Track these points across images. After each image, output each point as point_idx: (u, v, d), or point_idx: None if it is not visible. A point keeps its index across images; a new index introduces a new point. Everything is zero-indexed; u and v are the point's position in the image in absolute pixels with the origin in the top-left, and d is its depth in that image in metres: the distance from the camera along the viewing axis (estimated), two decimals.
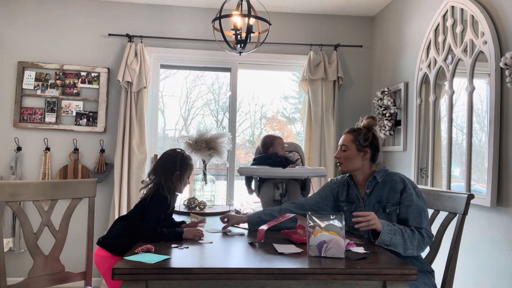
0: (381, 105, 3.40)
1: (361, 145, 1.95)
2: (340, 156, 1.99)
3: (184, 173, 1.94)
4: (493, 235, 2.22)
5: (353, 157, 1.95)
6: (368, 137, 1.96)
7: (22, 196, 1.98)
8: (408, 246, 1.69)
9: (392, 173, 1.93)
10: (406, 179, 1.88)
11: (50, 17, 3.65)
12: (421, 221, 1.77)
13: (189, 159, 2.00)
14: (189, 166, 1.97)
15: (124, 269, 1.33)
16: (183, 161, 1.95)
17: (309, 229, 1.54)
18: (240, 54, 2.55)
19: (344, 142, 1.99)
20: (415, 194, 1.82)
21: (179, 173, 1.92)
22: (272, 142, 2.59)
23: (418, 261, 1.83)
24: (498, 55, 2.18)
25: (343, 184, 2.07)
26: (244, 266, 1.40)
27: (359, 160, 1.95)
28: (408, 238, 1.70)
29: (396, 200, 1.84)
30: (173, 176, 1.91)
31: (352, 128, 2.04)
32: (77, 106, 3.62)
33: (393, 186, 1.86)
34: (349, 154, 1.96)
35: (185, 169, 1.95)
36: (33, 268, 1.98)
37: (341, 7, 3.74)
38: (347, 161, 1.97)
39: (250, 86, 4.62)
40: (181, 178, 1.93)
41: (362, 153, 1.95)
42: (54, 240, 2.07)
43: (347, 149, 1.96)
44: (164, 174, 1.90)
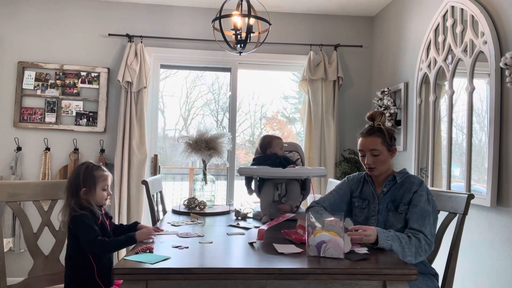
0: (381, 105, 3.40)
1: (390, 144, 1.90)
2: (373, 161, 1.88)
3: (91, 187, 1.80)
4: (493, 235, 2.22)
5: (386, 159, 1.90)
6: (392, 134, 1.92)
7: (22, 196, 1.99)
8: (406, 253, 1.63)
9: (412, 175, 1.92)
10: (424, 184, 1.86)
11: (50, 17, 3.65)
12: (423, 224, 1.72)
13: (95, 169, 1.84)
14: (96, 177, 1.82)
15: (124, 269, 1.33)
16: (86, 174, 1.81)
17: (309, 229, 1.54)
18: (240, 54, 2.55)
19: (374, 146, 1.87)
20: (426, 198, 1.79)
21: (85, 189, 1.79)
22: (270, 143, 2.58)
23: (422, 263, 1.82)
24: (498, 55, 2.18)
25: (359, 180, 2.05)
26: (244, 266, 1.40)
27: (389, 161, 1.92)
28: (406, 245, 1.65)
29: (408, 200, 1.82)
30: (79, 194, 1.79)
31: (372, 129, 1.92)
32: (77, 106, 3.62)
33: (409, 187, 1.84)
34: (382, 158, 1.88)
35: (92, 182, 1.80)
36: (33, 268, 1.98)
37: (341, 7, 3.74)
38: (381, 165, 1.89)
39: (250, 86, 4.62)
40: (89, 193, 1.80)
41: (391, 152, 1.92)
42: (54, 240, 2.07)
43: (379, 153, 1.87)
44: (70, 195, 1.79)
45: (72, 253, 1.80)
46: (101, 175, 1.84)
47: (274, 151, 2.56)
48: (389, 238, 1.64)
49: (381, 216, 1.89)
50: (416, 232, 1.72)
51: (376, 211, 1.91)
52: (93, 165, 1.86)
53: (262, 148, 2.61)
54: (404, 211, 1.83)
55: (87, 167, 1.84)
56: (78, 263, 1.77)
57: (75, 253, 1.79)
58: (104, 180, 1.85)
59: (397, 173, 1.92)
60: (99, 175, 1.84)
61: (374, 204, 1.93)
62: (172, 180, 6.88)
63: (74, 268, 1.79)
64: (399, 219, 1.83)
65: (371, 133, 1.90)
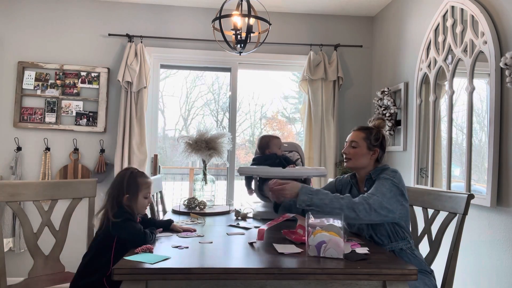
0: (381, 105, 3.40)
1: (372, 144, 1.95)
2: (349, 152, 1.97)
3: (134, 194, 1.78)
4: (493, 235, 2.22)
5: (363, 155, 1.95)
6: (379, 137, 1.96)
7: (22, 196, 1.98)
8: (335, 204, 1.68)
9: (386, 169, 1.93)
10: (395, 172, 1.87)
11: (50, 17, 3.65)
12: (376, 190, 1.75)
13: (139, 176, 1.82)
14: (140, 184, 1.80)
15: (124, 269, 1.33)
16: (131, 180, 1.79)
17: (309, 229, 1.54)
18: (240, 54, 2.55)
19: (355, 138, 1.97)
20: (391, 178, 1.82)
21: (128, 195, 1.77)
22: (268, 144, 2.57)
23: (417, 260, 1.84)
24: (498, 55, 2.18)
25: (347, 183, 2.09)
26: (244, 266, 1.39)
27: (367, 158, 1.96)
28: (335, 198, 1.69)
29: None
30: (122, 200, 1.76)
31: (364, 126, 2.03)
32: (77, 106, 3.62)
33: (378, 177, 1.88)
34: (359, 151, 1.95)
35: (135, 189, 1.78)
36: (33, 268, 1.98)
37: (341, 7, 3.74)
38: (355, 158, 1.96)
39: (250, 86, 4.62)
40: (132, 200, 1.77)
41: (372, 152, 1.95)
42: (54, 240, 2.07)
43: (358, 146, 1.95)
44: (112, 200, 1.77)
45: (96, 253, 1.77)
46: (144, 182, 1.82)
47: (272, 151, 2.56)
48: (312, 193, 1.71)
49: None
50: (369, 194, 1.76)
51: None
52: (137, 172, 1.84)
53: (261, 149, 2.61)
54: None
55: (132, 173, 1.82)
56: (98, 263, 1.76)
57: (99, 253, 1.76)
58: (147, 188, 1.84)
59: (373, 171, 1.95)
60: (142, 182, 1.82)
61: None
62: (172, 180, 6.88)
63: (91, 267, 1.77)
64: None
65: (359, 129, 2.01)
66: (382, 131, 2.00)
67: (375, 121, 2.02)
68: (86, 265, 1.79)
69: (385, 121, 2.05)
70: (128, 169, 1.86)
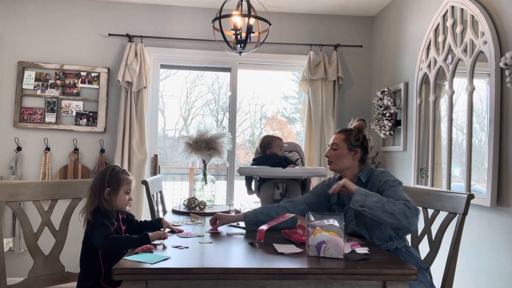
0: (381, 105, 3.40)
1: (352, 144, 1.98)
2: (330, 154, 2.01)
3: (115, 188, 1.82)
4: (493, 235, 2.22)
5: (344, 156, 1.98)
6: (359, 138, 2.00)
7: (22, 196, 1.98)
8: (387, 209, 1.64)
9: (375, 170, 1.96)
10: (387, 172, 1.92)
11: (50, 17, 3.65)
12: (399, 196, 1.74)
13: (121, 173, 1.86)
14: (121, 180, 1.84)
15: (124, 269, 1.33)
16: (113, 175, 1.83)
17: (309, 229, 1.54)
18: (240, 54, 2.55)
19: (335, 141, 2.01)
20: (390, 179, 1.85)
21: (109, 189, 1.80)
22: (270, 144, 2.58)
23: (412, 258, 1.84)
24: (498, 55, 2.18)
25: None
26: (244, 266, 1.40)
27: (349, 159, 1.98)
28: (387, 202, 1.67)
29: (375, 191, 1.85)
30: (103, 194, 1.79)
31: (343, 128, 2.08)
32: (77, 106, 3.62)
33: (373, 182, 1.90)
34: (339, 153, 1.98)
35: (117, 183, 1.82)
36: (33, 268, 1.98)
37: (341, 7, 3.74)
38: (337, 159, 1.99)
39: (250, 86, 4.62)
40: (113, 194, 1.81)
41: (353, 152, 1.98)
42: (54, 240, 2.07)
43: (338, 147, 1.99)
44: (94, 194, 1.80)
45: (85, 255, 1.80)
46: (126, 178, 1.88)
47: (273, 152, 2.56)
48: (367, 194, 1.72)
49: (358, 219, 1.91)
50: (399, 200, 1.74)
51: (353, 215, 1.93)
52: (119, 168, 1.89)
53: (262, 148, 2.61)
54: None
55: (113, 169, 1.87)
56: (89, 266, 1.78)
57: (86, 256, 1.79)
58: (128, 184, 1.88)
59: (360, 173, 1.96)
60: (124, 178, 1.87)
61: (350, 209, 1.94)
62: (172, 180, 6.88)
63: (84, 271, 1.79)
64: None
65: (340, 131, 2.05)
66: (363, 131, 2.02)
67: (356, 122, 2.05)
68: (82, 268, 1.80)
69: (366, 122, 2.07)
70: (110, 166, 1.90)
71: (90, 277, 1.76)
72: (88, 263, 1.78)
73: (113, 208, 1.82)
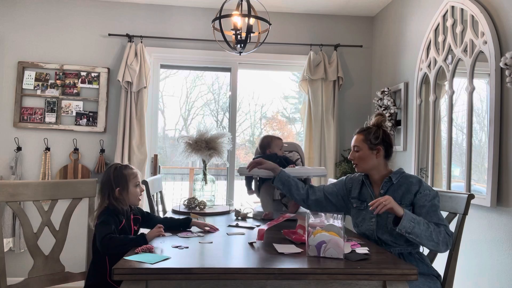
0: (381, 105, 3.40)
1: (373, 143, 1.94)
2: (354, 157, 1.97)
3: (125, 185, 1.84)
4: (493, 235, 2.22)
5: (367, 157, 1.94)
6: (379, 135, 1.95)
7: (22, 196, 1.98)
8: (433, 238, 1.68)
9: (409, 175, 1.92)
10: (423, 182, 1.87)
11: (50, 17, 3.65)
12: (439, 218, 1.76)
13: (124, 169, 1.88)
14: (127, 176, 1.86)
15: (124, 269, 1.33)
16: (117, 174, 1.85)
17: (309, 229, 1.54)
18: (240, 54, 2.55)
19: (355, 143, 1.97)
20: (431, 195, 1.81)
21: (119, 188, 1.82)
22: (270, 144, 2.58)
23: (425, 264, 1.82)
24: (498, 55, 2.18)
25: (358, 181, 2.06)
26: (244, 266, 1.40)
27: (373, 159, 1.94)
28: (434, 231, 1.69)
29: (409, 201, 1.83)
30: (115, 195, 1.82)
31: (362, 127, 2.02)
32: (77, 106, 3.62)
33: (408, 188, 1.85)
34: (362, 154, 1.95)
35: (124, 181, 1.85)
36: (33, 268, 1.98)
37: (341, 7, 3.74)
38: (361, 161, 1.96)
39: (250, 86, 4.62)
40: (124, 192, 1.83)
41: (375, 151, 1.94)
42: (54, 240, 2.07)
43: (360, 149, 1.95)
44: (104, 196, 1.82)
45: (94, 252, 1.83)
46: (131, 172, 1.89)
47: (273, 152, 2.56)
48: (414, 221, 1.68)
49: (380, 218, 1.88)
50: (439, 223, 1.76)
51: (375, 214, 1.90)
52: (121, 165, 1.90)
53: (262, 148, 2.61)
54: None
55: (116, 168, 1.88)
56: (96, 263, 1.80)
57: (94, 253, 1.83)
58: (135, 177, 1.90)
59: (393, 174, 1.93)
60: (129, 173, 1.88)
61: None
62: (172, 180, 6.88)
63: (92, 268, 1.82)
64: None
65: (359, 131, 2.01)
66: (382, 127, 1.98)
67: (374, 118, 2.01)
68: (91, 265, 1.84)
69: (384, 116, 2.04)
70: (111, 166, 1.90)
71: (97, 274, 1.79)
72: (96, 259, 1.81)
73: (126, 205, 1.85)
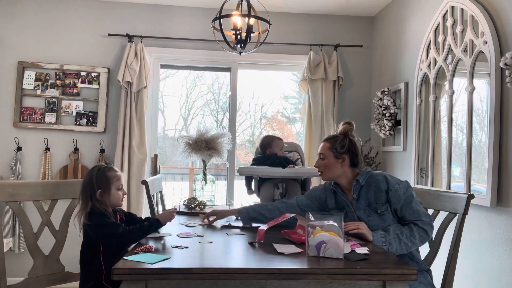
0: (381, 105, 3.40)
1: (338, 152, 1.93)
2: (319, 165, 1.97)
3: (106, 187, 1.81)
4: (493, 235, 2.22)
5: (332, 165, 1.94)
6: (345, 144, 1.94)
7: (22, 196, 1.99)
8: (409, 246, 1.76)
9: (375, 173, 1.93)
10: (389, 176, 1.89)
11: (50, 17, 3.65)
12: (416, 213, 1.81)
13: (108, 171, 1.85)
14: (110, 178, 1.83)
15: (124, 269, 1.33)
16: (100, 175, 1.82)
17: (309, 229, 1.54)
18: (240, 54, 2.55)
19: (321, 150, 1.97)
20: (401, 189, 1.84)
21: (100, 190, 1.79)
22: (270, 144, 2.58)
23: (414, 261, 1.84)
24: (498, 55, 2.18)
25: (330, 191, 2.04)
26: (244, 266, 1.40)
27: (338, 167, 1.94)
28: (407, 240, 1.76)
29: (383, 199, 1.85)
30: (96, 196, 1.79)
31: (328, 135, 2.02)
32: (77, 106, 3.62)
33: (377, 186, 1.87)
34: (327, 162, 1.94)
35: (106, 183, 1.81)
36: (33, 268, 1.98)
37: (341, 7, 3.74)
38: (326, 169, 1.95)
39: (250, 86, 4.62)
40: (105, 194, 1.80)
41: (340, 160, 1.93)
42: (54, 240, 2.07)
43: (325, 157, 1.95)
44: (86, 198, 1.79)
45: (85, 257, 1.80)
46: (114, 175, 1.86)
47: (273, 152, 2.56)
48: (385, 243, 1.75)
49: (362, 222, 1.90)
50: (414, 221, 1.81)
51: (355, 219, 1.92)
52: (104, 167, 1.87)
53: (262, 148, 2.61)
54: (385, 211, 1.85)
55: (99, 169, 1.85)
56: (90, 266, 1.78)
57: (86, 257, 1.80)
58: (118, 180, 1.87)
59: (359, 176, 1.93)
60: (112, 175, 1.85)
61: (351, 212, 1.94)
62: (172, 180, 6.88)
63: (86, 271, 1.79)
64: (382, 219, 1.85)
65: (326, 139, 2.00)
66: (349, 135, 1.97)
67: (342, 126, 2.01)
68: (83, 269, 1.80)
69: (352, 125, 2.00)
70: (95, 167, 1.88)
71: (91, 277, 1.76)
72: (89, 264, 1.78)
73: (108, 207, 1.82)
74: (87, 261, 1.79)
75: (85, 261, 1.80)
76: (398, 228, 1.80)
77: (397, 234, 1.77)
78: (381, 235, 1.77)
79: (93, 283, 1.75)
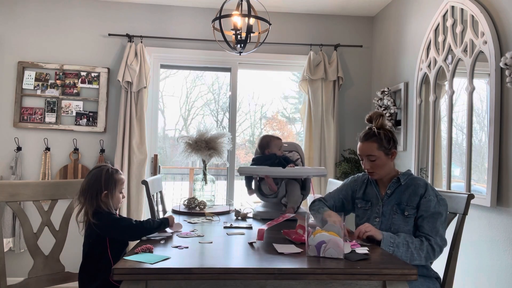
0: (381, 105, 3.40)
1: (388, 148, 1.89)
2: (370, 167, 1.90)
3: (112, 190, 1.82)
4: (493, 235, 2.22)
5: (385, 164, 1.90)
6: (389, 138, 1.90)
7: (22, 196, 1.99)
8: (415, 257, 1.71)
9: (417, 177, 1.91)
10: (431, 187, 1.86)
11: (50, 17, 3.65)
12: (435, 230, 1.76)
13: (116, 173, 1.86)
14: (117, 181, 1.85)
15: (124, 269, 1.33)
16: (108, 177, 1.82)
17: (309, 229, 1.54)
18: (240, 54, 2.55)
19: (369, 152, 1.89)
20: (435, 201, 1.80)
21: (106, 192, 1.80)
22: (268, 144, 2.57)
23: (424, 267, 1.82)
24: (498, 55, 2.18)
25: (363, 181, 2.04)
26: (244, 266, 1.39)
27: (390, 163, 1.93)
28: (414, 250, 1.72)
29: (415, 203, 1.83)
30: (100, 197, 1.79)
31: (368, 133, 1.92)
32: (77, 106, 3.62)
33: (415, 190, 1.85)
34: (379, 162, 1.89)
35: (113, 186, 1.83)
36: (33, 268, 1.98)
37: (341, 7, 3.74)
38: (378, 169, 1.90)
39: (250, 86, 4.62)
40: (110, 197, 1.81)
41: (390, 155, 1.91)
42: (54, 240, 2.07)
43: (376, 158, 1.88)
44: (90, 197, 1.79)
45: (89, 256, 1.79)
46: (120, 178, 1.88)
47: (272, 152, 2.56)
48: (393, 244, 1.71)
49: (385, 218, 1.88)
50: (428, 236, 1.76)
51: (379, 213, 1.90)
52: (113, 169, 1.88)
53: (261, 148, 2.61)
54: (412, 215, 1.83)
55: (108, 171, 1.85)
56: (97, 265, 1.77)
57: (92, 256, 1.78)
58: (122, 184, 1.89)
59: (401, 175, 1.92)
60: (119, 179, 1.87)
61: (378, 206, 1.92)
62: (172, 180, 6.88)
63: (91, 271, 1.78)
64: (406, 222, 1.83)
65: (368, 138, 1.91)
66: (386, 127, 1.93)
67: (377, 120, 1.93)
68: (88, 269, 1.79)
69: (383, 114, 1.97)
70: (103, 167, 1.87)
71: (98, 275, 1.75)
72: (95, 263, 1.77)
73: (111, 208, 1.84)
74: (93, 260, 1.78)
75: (90, 261, 1.79)
76: (409, 237, 1.77)
77: (407, 241, 1.73)
78: (391, 236, 1.74)
79: (100, 282, 1.75)
